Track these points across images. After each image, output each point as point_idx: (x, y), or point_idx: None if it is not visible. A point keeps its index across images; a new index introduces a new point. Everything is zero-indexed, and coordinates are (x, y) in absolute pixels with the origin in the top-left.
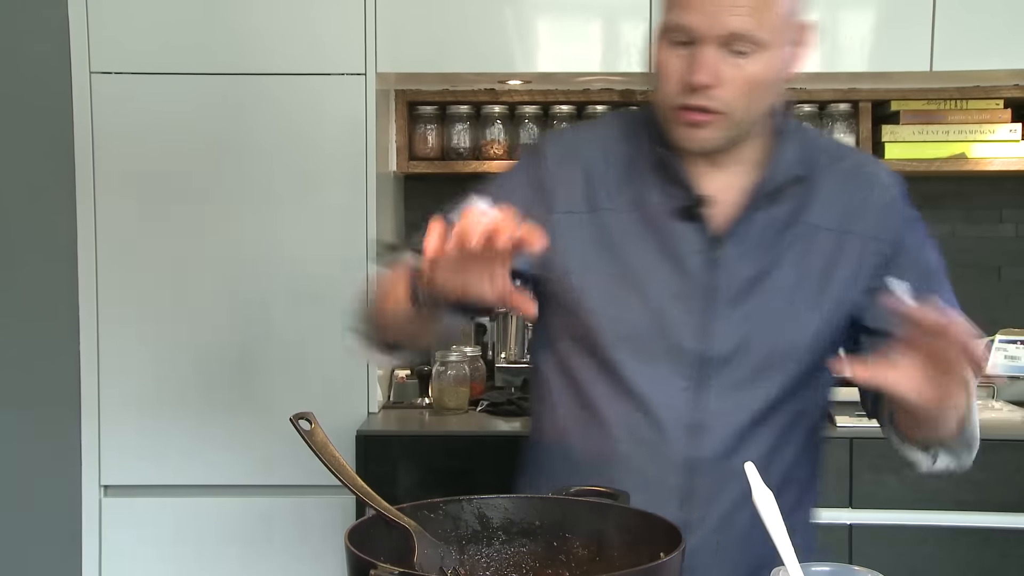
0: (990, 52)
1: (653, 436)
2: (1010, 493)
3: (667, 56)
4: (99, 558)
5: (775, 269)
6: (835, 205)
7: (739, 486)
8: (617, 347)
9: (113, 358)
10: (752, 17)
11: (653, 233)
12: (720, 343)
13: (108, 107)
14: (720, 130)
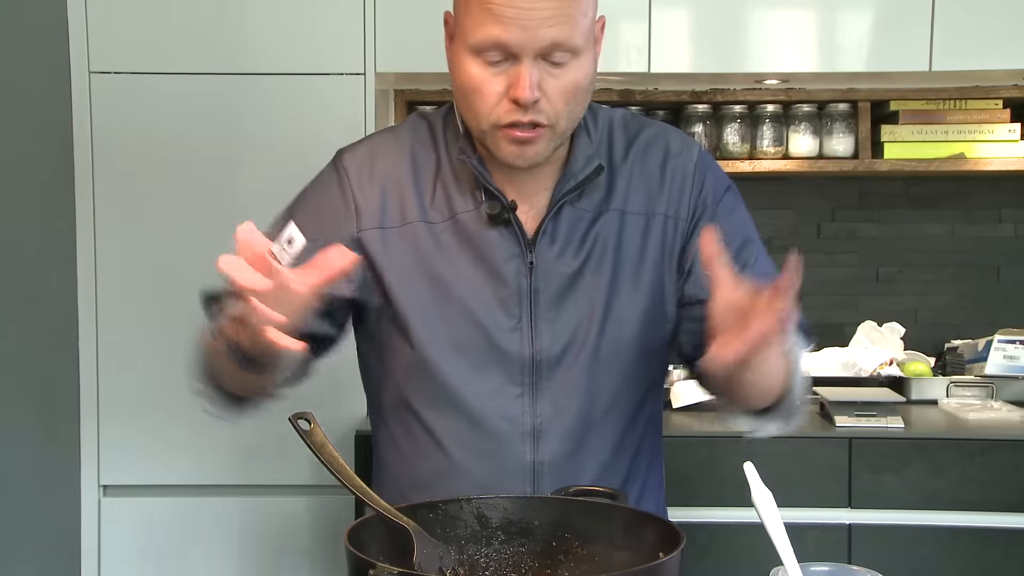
0: (989, 52)
1: (493, 447)
2: (1011, 493)
3: (482, 75)
4: (98, 557)
5: (591, 263)
6: (639, 187)
7: (589, 483)
8: (446, 362)
9: (112, 359)
10: (567, 25)
11: (467, 241)
12: (548, 346)
13: (107, 106)
14: (547, 143)
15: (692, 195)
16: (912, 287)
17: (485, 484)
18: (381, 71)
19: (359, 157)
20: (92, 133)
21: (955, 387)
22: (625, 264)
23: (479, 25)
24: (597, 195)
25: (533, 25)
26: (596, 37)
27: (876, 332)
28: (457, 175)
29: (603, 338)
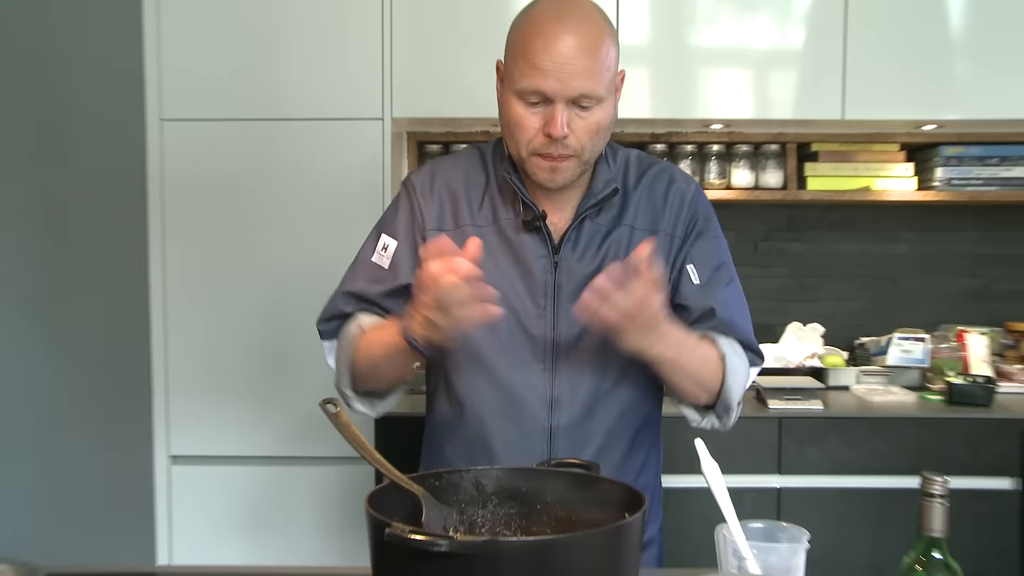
0: (889, 106)
1: (518, 411)
2: (903, 460)
3: (522, 113)
4: (169, 518)
5: (604, 265)
6: (645, 209)
7: (592, 448)
8: (484, 340)
9: (179, 352)
10: (593, 79)
11: (506, 242)
12: (565, 331)
13: (173, 147)
14: (572, 169)
15: (686, 218)
16: (830, 294)
17: (512, 442)
18: (396, 116)
19: (422, 176)
20: (163, 167)
21: (863, 375)
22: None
23: (524, 75)
24: (612, 213)
25: (566, 78)
26: (617, 86)
27: (801, 331)
28: (501, 190)
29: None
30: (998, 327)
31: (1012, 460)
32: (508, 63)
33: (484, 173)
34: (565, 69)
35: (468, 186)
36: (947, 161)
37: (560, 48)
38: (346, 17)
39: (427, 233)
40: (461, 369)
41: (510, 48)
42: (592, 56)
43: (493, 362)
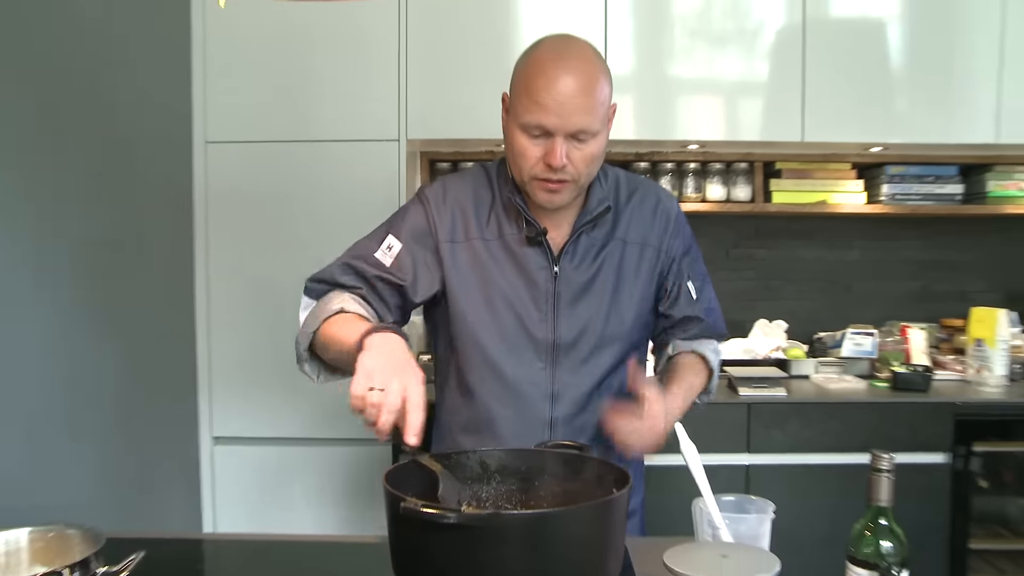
0: (842, 129)
1: (522, 404)
2: (854, 439)
3: (525, 144)
4: (212, 492)
5: (599, 275)
6: (635, 224)
7: (586, 436)
8: (491, 342)
9: (220, 347)
10: (590, 116)
11: (511, 255)
12: (564, 333)
13: (215, 166)
14: (569, 193)
15: (670, 235)
16: (792, 295)
17: (517, 431)
18: (411, 138)
19: (436, 190)
20: (207, 183)
21: (821, 366)
22: (624, 278)
23: (527, 111)
24: (605, 228)
25: (566, 115)
26: (609, 118)
27: (767, 327)
28: (506, 208)
29: (606, 330)
30: (935, 323)
31: (945, 438)
32: (513, 98)
33: (490, 191)
34: (565, 107)
35: (476, 202)
36: (891, 179)
37: (560, 88)
38: (367, 52)
39: (441, 244)
40: (472, 366)
41: (515, 84)
42: (589, 95)
43: (500, 361)
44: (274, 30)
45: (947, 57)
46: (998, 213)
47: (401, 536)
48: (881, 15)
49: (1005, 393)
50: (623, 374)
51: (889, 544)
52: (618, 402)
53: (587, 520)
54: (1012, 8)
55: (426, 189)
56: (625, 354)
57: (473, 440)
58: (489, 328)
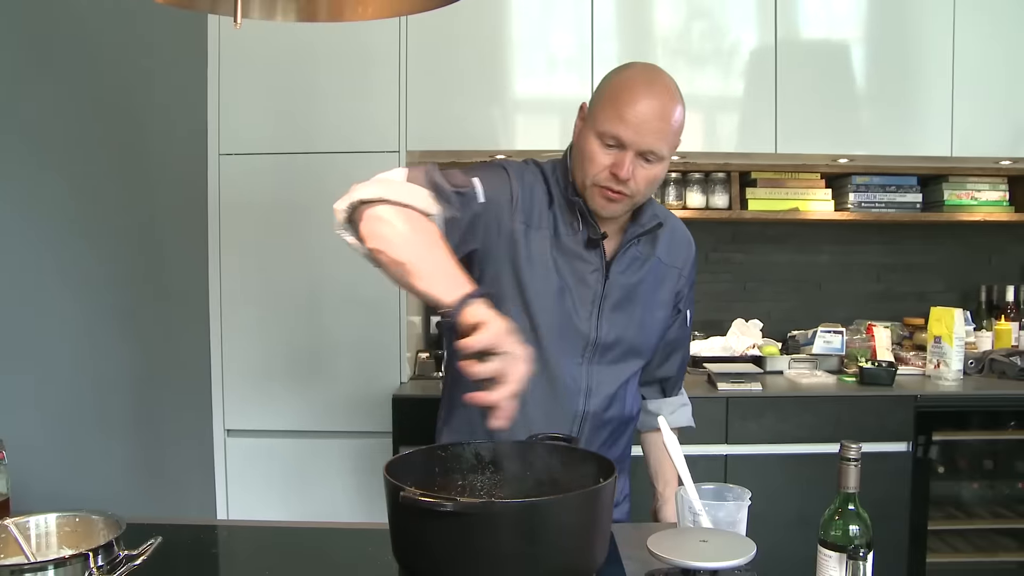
0: (811, 141)
1: (558, 394)
2: (825, 430)
3: (597, 150)
4: (226, 481)
5: (640, 286)
6: (670, 246)
7: (608, 429)
8: (547, 330)
9: (232, 345)
10: (662, 140)
11: (569, 253)
12: (605, 334)
13: (228, 176)
14: (624, 206)
15: (692, 264)
16: (767, 296)
17: (550, 419)
18: (411, 149)
19: (519, 169)
20: (220, 192)
21: (794, 362)
22: (657, 294)
23: (608, 120)
24: (649, 244)
25: (642, 133)
26: (675, 150)
27: (744, 326)
28: (563, 209)
29: (638, 337)
30: (898, 321)
31: (907, 428)
32: (595, 107)
33: (547, 190)
34: (644, 126)
35: (542, 195)
36: (857, 188)
37: (644, 107)
38: (370, 68)
39: (516, 224)
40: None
41: (600, 95)
42: (666, 121)
43: (549, 352)
44: (283, 50)
45: (905, 77)
46: (953, 220)
47: (400, 523)
48: (846, 37)
49: (961, 386)
50: (634, 390)
51: (856, 527)
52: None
53: (575, 508)
54: (960, 34)
55: (510, 166)
56: (639, 367)
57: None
58: (546, 317)
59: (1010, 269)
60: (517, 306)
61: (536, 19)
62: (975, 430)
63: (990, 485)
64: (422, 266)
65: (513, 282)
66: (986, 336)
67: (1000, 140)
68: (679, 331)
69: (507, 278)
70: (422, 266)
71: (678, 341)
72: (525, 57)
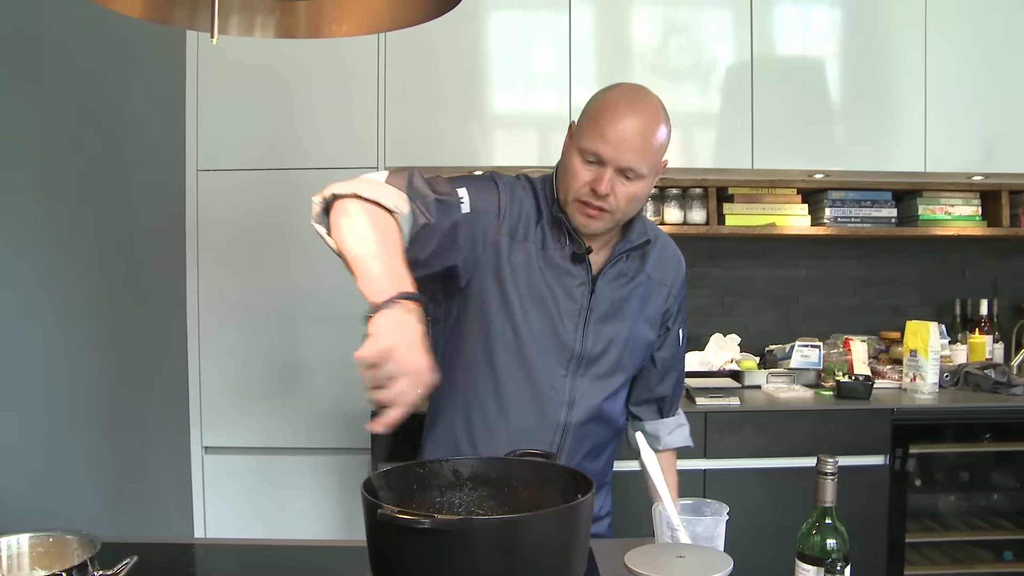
0: (787, 157)
1: (541, 405)
2: (802, 444)
3: (579, 166)
4: (203, 499)
5: (627, 301)
6: (660, 264)
7: (590, 443)
8: (532, 343)
9: (210, 361)
10: (642, 158)
11: (555, 268)
12: (590, 347)
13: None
14: (605, 223)
15: (681, 283)
16: (744, 310)
17: (530, 430)
18: (389, 165)
19: (508, 183)
20: (198, 208)
21: (772, 376)
22: (644, 311)
23: (589, 137)
24: (637, 260)
25: (621, 150)
26: (658, 170)
27: (722, 341)
28: (551, 224)
29: (624, 352)
30: (874, 335)
31: (884, 441)
32: (580, 124)
33: (536, 206)
34: (623, 143)
35: (530, 209)
36: (833, 203)
37: (624, 125)
38: (348, 85)
39: (502, 237)
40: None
41: (585, 113)
42: (647, 140)
43: (532, 362)
44: (262, 66)
45: (879, 94)
46: (928, 234)
47: (378, 541)
48: (821, 54)
49: (937, 399)
50: (620, 401)
51: (833, 541)
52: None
53: (554, 524)
54: (932, 52)
55: (500, 179)
56: (624, 384)
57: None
58: (531, 329)
59: (983, 283)
60: (501, 316)
61: (515, 36)
62: (951, 443)
63: (966, 497)
64: (364, 263)
65: (497, 292)
66: (961, 349)
67: (972, 156)
68: (672, 350)
69: (491, 289)
70: (364, 263)
71: (672, 361)
72: (504, 74)
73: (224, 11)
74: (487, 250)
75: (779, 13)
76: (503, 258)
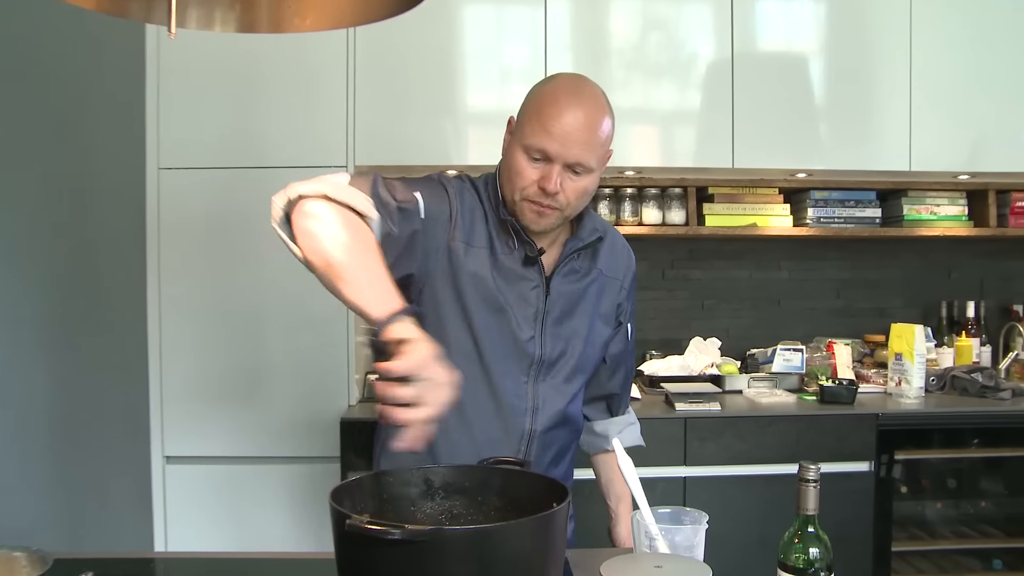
0: (769, 157)
1: (504, 415)
2: (785, 451)
3: (524, 164)
4: (164, 511)
5: (582, 300)
6: (610, 260)
7: (556, 450)
8: (490, 350)
9: (172, 367)
10: (589, 152)
11: (507, 272)
12: (549, 350)
13: (168, 192)
14: (555, 219)
15: (630, 275)
16: (725, 313)
17: (495, 440)
18: (358, 164)
19: (457, 187)
20: (159, 208)
21: (753, 381)
22: (599, 307)
23: (534, 134)
24: (589, 257)
25: (568, 145)
26: (604, 161)
27: (702, 344)
28: (498, 228)
29: (584, 353)
30: (858, 338)
31: (869, 447)
32: (522, 120)
33: (482, 208)
34: (569, 138)
35: (478, 213)
36: (816, 203)
37: (569, 119)
38: (316, 80)
39: (455, 242)
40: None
41: (526, 108)
42: (593, 132)
43: (493, 371)
44: (226, 60)
45: (863, 91)
46: (913, 235)
47: (347, 553)
48: (803, 50)
49: (922, 404)
50: (579, 402)
51: (816, 550)
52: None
53: (528, 533)
54: (917, 48)
55: (448, 181)
56: (583, 383)
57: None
58: (490, 337)
59: (970, 284)
60: (458, 326)
61: (488, 30)
62: (938, 448)
63: (954, 504)
64: (353, 272)
65: (454, 301)
66: (947, 352)
67: (958, 154)
68: (621, 345)
69: (447, 297)
70: (353, 272)
71: (621, 356)
72: (477, 69)
73: (182, 4)
74: (440, 257)
75: (761, 7)
76: (458, 265)
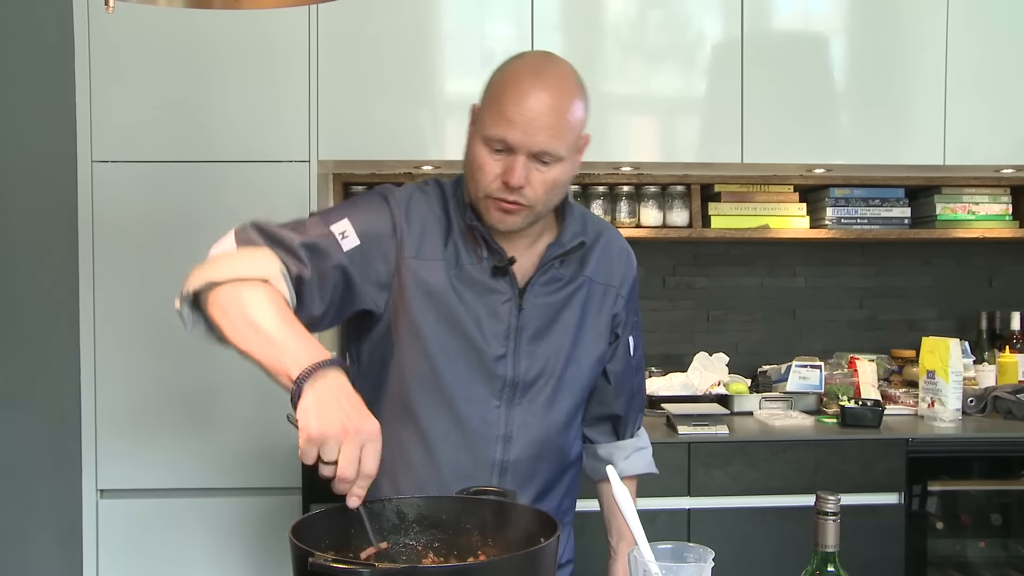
0: (782, 151)
1: (472, 444)
2: (801, 480)
3: (485, 157)
4: (96, 553)
5: (564, 312)
6: (602, 265)
7: (540, 484)
8: (450, 372)
9: (107, 387)
10: (557, 138)
11: (473, 284)
12: (524, 371)
13: (103, 188)
14: (525, 217)
15: (629, 281)
16: (733, 325)
17: (463, 473)
18: (323, 159)
19: (401, 197)
20: (93, 207)
21: (765, 401)
22: (587, 319)
23: (494, 123)
24: (574, 264)
25: (532, 133)
26: (579, 148)
27: (707, 360)
28: (464, 235)
29: (566, 372)
30: (885, 354)
31: (898, 477)
32: (481, 109)
33: (445, 214)
34: (533, 124)
35: (435, 221)
36: (836, 202)
37: (531, 103)
38: (275, 64)
39: (404, 259)
40: (423, 397)
41: (486, 95)
42: (560, 115)
43: (455, 397)
44: (170, 40)
45: (892, 74)
46: (947, 237)
47: None
48: (823, 29)
49: (959, 428)
50: (576, 419)
51: None
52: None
53: (513, 572)
54: (954, 25)
55: (390, 193)
56: (576, 407)
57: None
58: (448, 358)
59: (1014, 293)
60: (412, 347)
61: (469, 8)
62: (978, 479)
63: (1000, 544)
64: (252, 347)
65: (407, 324)
66: (988, 370)
67: (1001, 145)
68: (623, 362)
69: (400, 321)
70: (252, 347)
71: (624, 374)
72: (457, 52)
73: None
74: (395, 277)
75: None
76: (407, 283)
